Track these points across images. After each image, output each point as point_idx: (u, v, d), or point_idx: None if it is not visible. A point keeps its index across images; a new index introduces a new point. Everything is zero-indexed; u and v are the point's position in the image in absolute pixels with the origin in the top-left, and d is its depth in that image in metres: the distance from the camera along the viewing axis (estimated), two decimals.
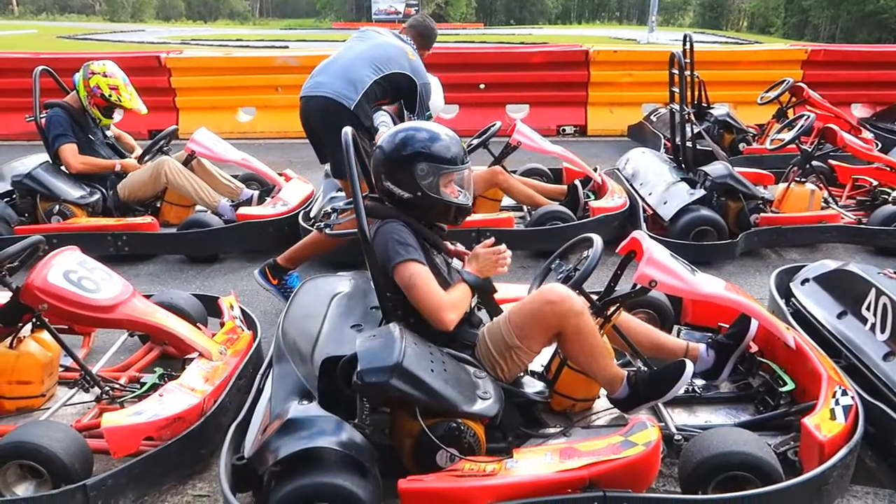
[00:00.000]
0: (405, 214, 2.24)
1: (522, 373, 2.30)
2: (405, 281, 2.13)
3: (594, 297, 2.36)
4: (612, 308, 2.35)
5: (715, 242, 4.10)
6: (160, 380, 2.60)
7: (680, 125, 4.57)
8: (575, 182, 4.61)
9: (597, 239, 2.37)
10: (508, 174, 4.45)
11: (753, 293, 3.45)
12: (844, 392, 2.18)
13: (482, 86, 7.93)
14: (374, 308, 2.37)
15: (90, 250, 2.83)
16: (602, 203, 4.38)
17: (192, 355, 2.63)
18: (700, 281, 2.38)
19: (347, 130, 2.19)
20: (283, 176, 4.97)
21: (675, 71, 4.51)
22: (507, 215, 4.24)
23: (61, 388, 2.63)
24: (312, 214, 4.36)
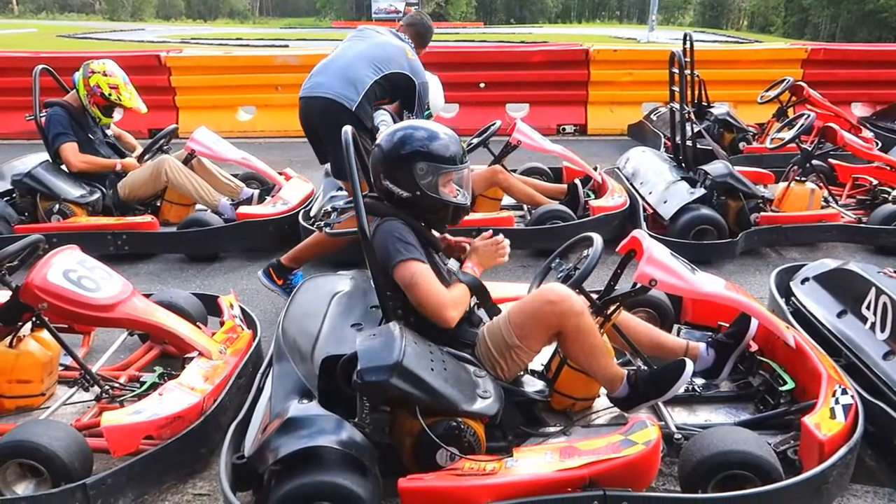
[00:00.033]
0: (404, 213, 2.24)
1: (522, 372, 2.30)
2: (406, 280, 2.12)
3: (594, 296, 2.36)
4: (612, 307, 2.35)
5: (715, 241, 4.10)
6: (160, 379, 2.60)
7: (680, 124, 4.56)
8: (575, 181, 4.61)
9: (597, 238, 2.36)
10: (508, 173, 4.45)
11: (753, 292, 3.45)
12: (844, 391, 2.18)
13: (482, 85, 7.92)
14: (374, 307, 2.37)
15: (90, 249, 2.83)
16: (602, 202, 4.38)
17: (192, 354, 2.64)
18: (700, 280, 2.38)
19: (347, 129, 2.18)
20: (283, 175, 4.96)
21: (676, 70, 4.51)
22: (507, 214, 4.25)
23: (61, 387, 2.63)
24: (312, 213, 4.36)
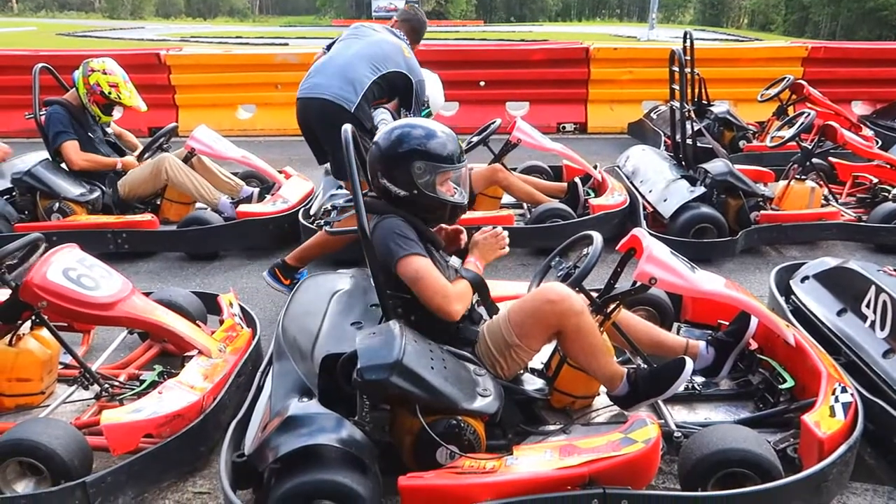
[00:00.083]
0: (403, 211, 2.23)
1: (522, 370, 2.30)
2: (410, 275, 2.12)
3: (594, 295, 2.36)
4: (612, 305, 2.35)
5: (715, 240, 4.10)
6: (159, 377, 2.60)
7: (680, 122, 4.56)
8: (575, 179, 4.61)
9: (597, 236, 2.36)
10: (508, 172, 4.45)
11: (753, 290, 3.45)
12: (844, 389, 2.18)
13: (482, 83, 7.92)
14: (374, 305, 2.37)
15: (90, 248, 2.83)
16: (602, 200, 4.38)
17: (192, 353, 2.64)
18: (700, 278, 2.38)
19: (347, 128, 2.18)
20: (283, 173, 4.96)
21: (676, 68, 4.51)
22: (507, 213, 4.25)
23: (61, 386, 2.63)
24: (312, 212, 4.37)
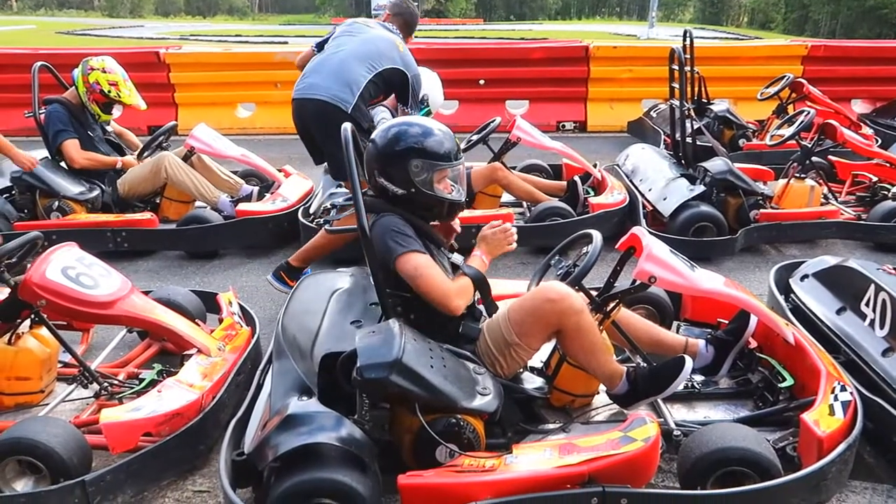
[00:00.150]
0: (400, 209, 2.23)
1: (522, 369, 2.30)
2: (410, 272, 2.12)
3: (594, 294, 2.36)
4: (612, 304, 2.35)
5: (714, 238, 4.10)
6: (159, 376, 2.59)
7: (680, 121, 4.56)
8: (574, 178, 4.60)
9: (596, 235, 2.36)
10: (508, 170, 4.44)
11: (753, 289, 3.44)
12: (843, 388, 2.19)
13: (482, 82, 7.90)
14: (374, 304, 2.36)
15: (89, 246, 2.83)
16: (602, 199, 4.38)
17: (191, 351, 2.64)
18: (699, 277, 2.38)
19: (347, 127, 2.17)
20: (283, 172, 4.96)
21: (675, 67, 4.51)
22: (507, 211, 4.24)
23: (60, 384, 2.63)
24: (312, 210, 4.36)
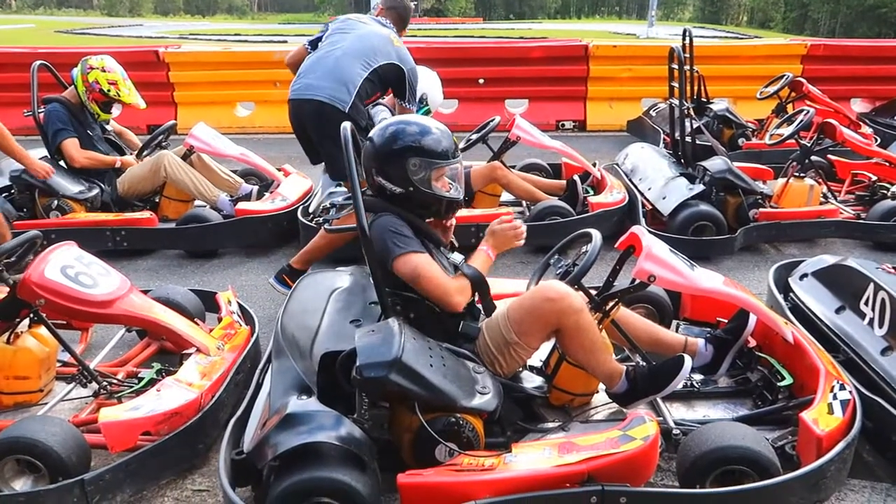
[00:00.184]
0: (399, 208, 2.23)
1: (521, 368, 2.30)
2: (409, 272, 2.12)
3: (593, 293, 2.36)
4: (611, 303, 2.35)
5: (714, 237, 4.10)
6: (158, 375, 2.59)
7: (679, 120, 4.56)
8: (574, 177, 4.60)
9: (596, 234, 2.36)
10: (507, 169, 4.44)
11: (752, 288, 3.45)
12: (842, 387, 2.19)
13: (481, 81, 7.90)
14: (373, 303, 2.36)
15: (89, 245, 2.83)
16: (601, 198, 4.38)
17: (190, 350, 2.64)
18: (699, 276, 2.38)
19: (346, 126, 2.17)
20: (282, 171, 4.96)
21: (675, 66, 4.50)
22: (506, 210, 4.24)
23: (59, 384, 2.63)
24: (311, 210, 4.36)
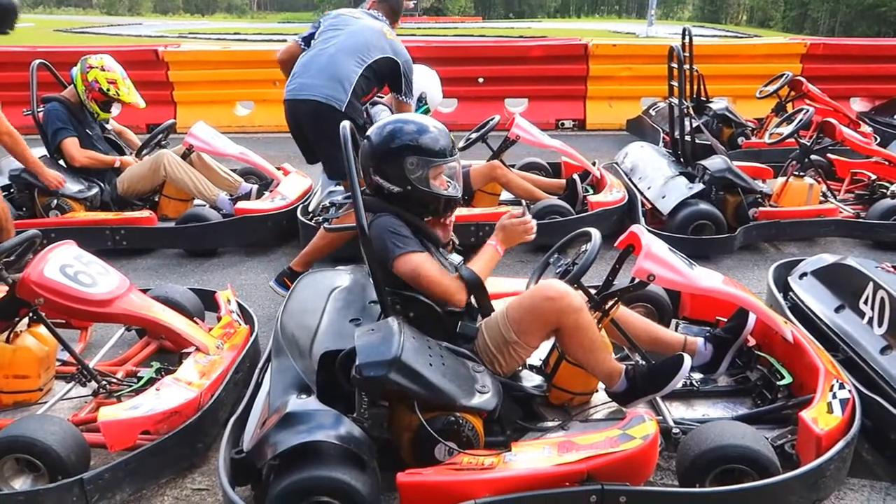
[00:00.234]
0: (397, 208, 2.23)
1: (521, 367, 2.30)
2: (409, 272, 2.13)
3: (592, 292, 2.36)
4: (611, 302, 2.34)
5: (713, 236, 4.10)
6: (157, 374, 2.59)
7: (679, 119, 4.56)
8: (573, 176, 4.61)
9: (595, 233, 2.36)
10: (507, 168, 4.44)
11: (751, 287, 3.45)
12: (842, 386, 2.19)
13: (481, 80, 7.89)
14: (373, 302, 2.36)
15: (88, 244, 2.83)
16: (601, 197, 4.38)
17: (189, 350, 2.64)
18: (698, 275, 2.38)
19: (346, 125, 2.16)
20: (282, 170, 4.96)
21: (675, 65, 4.50)
22: (506, 209, 4.24)
23: (58, 383, 2.62)
24: (311, 208, 4.36)
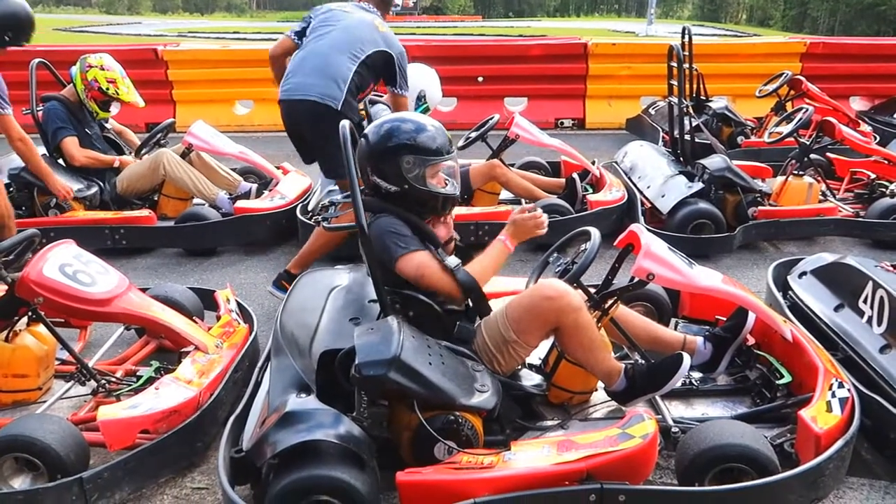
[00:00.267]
0: (395, 207, 2.24)
1: (520, 366, 2.30)
2: (413, 271, 2.14)
3: (592, 291, 2.36)
4: (610, 301, 2.35)
5: (713, 236, 4.10)
6: (156, 373, 2.59)
7: (678, 118, 4.55)
8: (573, 175, 4.60)
9: (595, 232, 2.36)
10: (506, 167, 4.44)
11: (751, 286, 3.45)
12: (841, 384, 2.19)
13: (480, 79, 7.89)
14: (372, 301, 2.36)
15: (87, 244, 2.83)
16: (600, 196, 4.38)
17: (188, 349, 2.64)
18: (697, 274, 2.38)
19: (345, 124, 2.16)
20: (281, 169, 4.96)
21: (674, 64, 4.50)
22: (506, 208, 4.24)
23: (57, 382, 2.62)
24: (310, 208, 4.36)
